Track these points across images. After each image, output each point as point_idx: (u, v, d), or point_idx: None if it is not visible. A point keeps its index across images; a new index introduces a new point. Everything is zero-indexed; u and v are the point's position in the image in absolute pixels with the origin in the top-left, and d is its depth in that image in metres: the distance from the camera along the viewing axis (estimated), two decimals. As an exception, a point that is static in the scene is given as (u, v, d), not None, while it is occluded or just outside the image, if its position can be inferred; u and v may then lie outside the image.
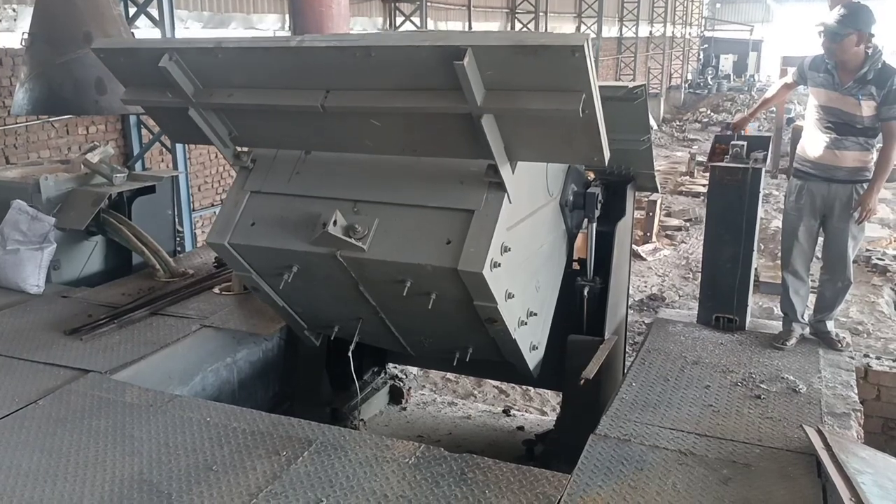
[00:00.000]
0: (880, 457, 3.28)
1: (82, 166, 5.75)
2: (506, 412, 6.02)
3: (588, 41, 2.75)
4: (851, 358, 4.41)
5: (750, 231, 4.52)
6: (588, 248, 4.40)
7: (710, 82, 39.57)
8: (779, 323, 4.75)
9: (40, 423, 3.53)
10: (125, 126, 9.73)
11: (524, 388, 7.10)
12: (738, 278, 4.59)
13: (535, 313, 4.00)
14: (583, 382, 3.92)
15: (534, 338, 4.09)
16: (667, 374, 4.10)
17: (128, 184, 5.86)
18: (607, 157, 3.15)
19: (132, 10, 8.87)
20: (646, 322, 8.31)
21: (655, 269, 11.90)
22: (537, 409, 6.80)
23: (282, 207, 3.76)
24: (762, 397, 3.85)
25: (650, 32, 34.92)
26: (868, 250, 11.45)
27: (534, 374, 4.26)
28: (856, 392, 3.99)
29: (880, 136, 4.29)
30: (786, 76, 4.91)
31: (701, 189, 16.05)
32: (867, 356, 5.10)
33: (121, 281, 5.59)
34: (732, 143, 4.60)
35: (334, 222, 3.47)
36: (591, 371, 3.95)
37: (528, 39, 2.84)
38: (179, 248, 7.00)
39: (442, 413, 5.86)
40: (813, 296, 4.72)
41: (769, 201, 14.16)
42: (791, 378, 4.03)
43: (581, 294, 4.39)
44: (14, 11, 8.29)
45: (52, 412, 3.62)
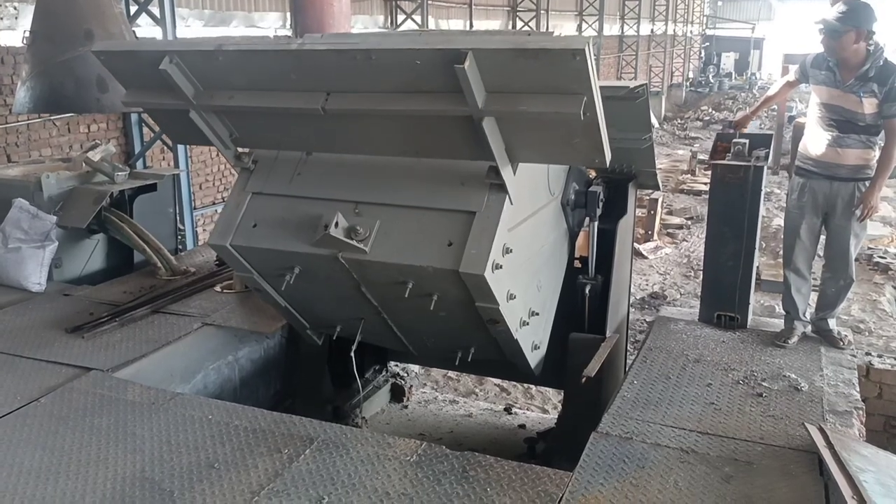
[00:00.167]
0: (882, 455, 3.27)
1: (84, 164, 5.75)
2: (507, 410, 6.02)
3: (589, 44, 2.75)
4: (853, 356, 4.40)
5: (752, 229, 4.52)
6: (590, 247, 4.40)
7: (712, 80, 39.53)
8: (780, 321, 4.75)
9: (42, 420, 3.53)
10: (126, 124, 9.73)
11: (525, 385, 7.10)
12: (740, 276, 4.59)
13: (537, 313, 4.00)
14: (584, 380, 3.92)
15: (535, 337, 4.09)
16: (668, 372, 4.09)
17: (129, 182, 5.86)
18: (608, 159, 3.15)
19: (133, 9, 8.87)
20: (647, 320, 8.31)
21: (657, 268, 11.90)
22: (539, 407, 6.80)
23: (283, 209, 3.76)
24: (764, 395, 3.84)
25: (651, 30, 34.89)
26: (870, 248, 11.45)
27: (535, 373, 4.26)
28: (857, 390, 3.98)
29: (882, 134, 4.28)
30: (787, 74, 4.91)
31: (702, 187, 16.04)
32: (869, 354, 5.09)
33: (122, 279, 5.59)
34: (734, 141, 4.59)
35: (336, 224, 3.47)
36: (592, 369, 3.95)
37: (528, 43, 2.84)
38: (181, 246, 7.02)
39: (443, 411, 5.86)
40: (815, 294, 4.72)
41: (771, 199, 14.15)
42: (793, 376, 4.03)
43: (582, 292, 4.39)
44: (15, 9, 8.29)
45: (54, 410, 3.62)
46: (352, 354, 4.23)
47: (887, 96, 4.14)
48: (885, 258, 11.26)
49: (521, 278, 3.73)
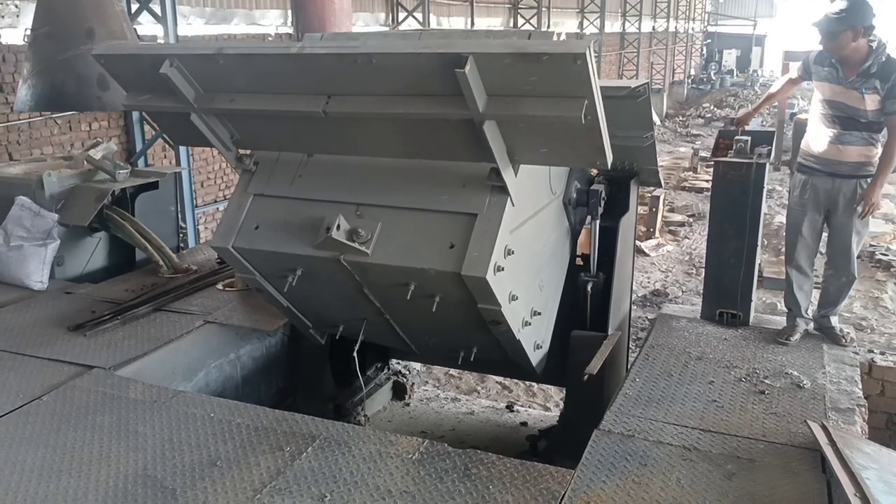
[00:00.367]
0: (885, 452, 3.27)
1: (85, 162, 5.75)
2: (509, 408, 6.02)
3: (590, 48, 2.74)
4: (855, 353, 4.40)
5: (754, 226, 4.51)
6: (591, 244, 4.40)
7: (714, 77, 39.51)
8: (782, 318, 4.74)
9: (45, 418, 3.53)
10: (128, 122, 9.74)
11: (527, 383, 7.10)
12: (742, 273, 4.58)
13: (539, 312, 3.99)
14: (586, 378, 3.91)
15: (538, 337, 4.09)
16: (670, 370, 4.09)
17: (131, 180, 5.86)
18: (610, 161, 3.15)
19: (135, 7, 8.86)
20: (649, 318, 8.31)
21: (659, 265, 11.90)
22: (540, 405, 6.80)
23: (285, 211, 3.77)
24: (766, 393, 3.84)
25: (653, 27, 34.85)
26: (872, 245, 11.44)
27: (538, 371, 4.26)
28: (860, 387, 3.98)
29: (885, 131, 4.27)
30: (789, 71, 4.90)
31: (704, 184, 16.02)
32: (871, 351, 5.09)
33: (124, 277, 5.59)
34: (736, 138, 4.58)
35: (337, 227, 3.47)
36: (594, 367, 3.95)
37: (529, 47, 2.84)
38: (182, 244, 7.03)
39: (445, 409, 5.86)
40: (817, 291, 4.71)
41: (773, 197, 14.14)
42: (795, 373, 4.03)
43: (584, 290, 4.38)
44: (17, 7, 8.29)
45: (57, 408, 3.62)
46: (354, 355, 4.23)
47: (889, 93, 4.12)
48: (888, 255, 11.25)
49: (523, 279, 3.73)
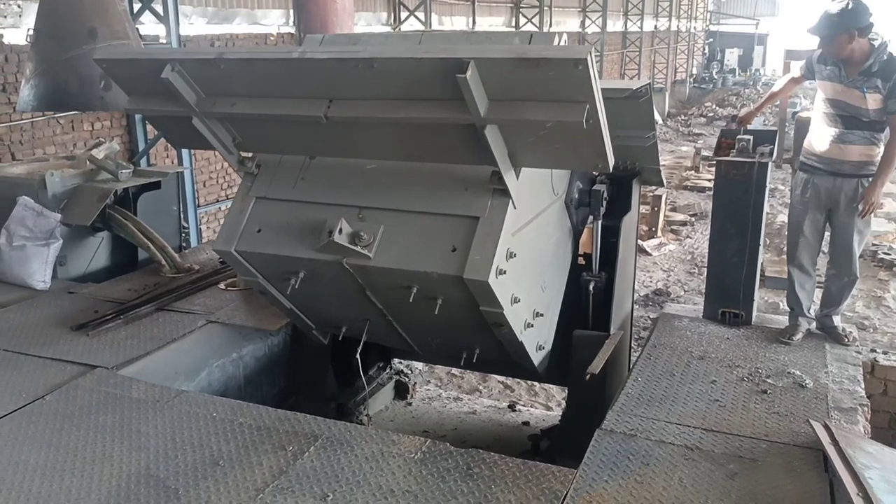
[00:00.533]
0: (888, 452, 3.27)
1: (88, 162, 5.75)
2: (511, 407, 6.02)
3: (591, 53, 2.74)
4: (858, 353, 4.40)
5: (756, 225, 4.51)
6: (594, 244, 4.39)
7: (716, 77, 39.50)
8: (785, 318, 4.74)
9: (47, 418, 3.54)
10: (130, 122, 9.75)
11: (529, 383, 7.10)
12: (745, 273, 4.58)
13: (542, 314, 4.00)
14: (588, 377, 3.91)
15: (540, 338, 4.09)
16: (673, 369, 4.09)
17: (133, 180, 5.87)
18: (611, 164, 3.16)
19: (137, 6, 8.86)
20: (651, 317, 8.30)
21: (661, 264, 11.89)
22: (543, 405, 6.80)
23: (287, 214, 3.77)
24: (768, 392, 3.84)
25: (655, 27, 34.82)
26: (874, 245, 11.43)
27: (540, 371, 4.26)
28: (863, 387, 3.98)
29: (888, 131, 4.26)
30: (791, 70, 4.89)
31: (706, 184, 16.02)
32: (874, 351, 5.07)
33: (126, 277, 5.60)
34: (738, 137, 4.58)
35: (340, 230, 3.48)
36: (596, 366, 3.95)
37: (530, 52, 2.85)
38: (185, 243, 7.02)
39: (447, 408, 5.86)
40: (819, 290, 4.71)
41: (775, 196, 14.13)
42: (797, 373, 4.02)
43: (586, 289, 4.38)
44: (19, 7, 8.30)
45: (59, 407, 3.63)
46: (357, 356, 4.24)
47: (891, 92, 4.11)
48: (890, 254, 11.24)
49: (525, 281, 3.73)
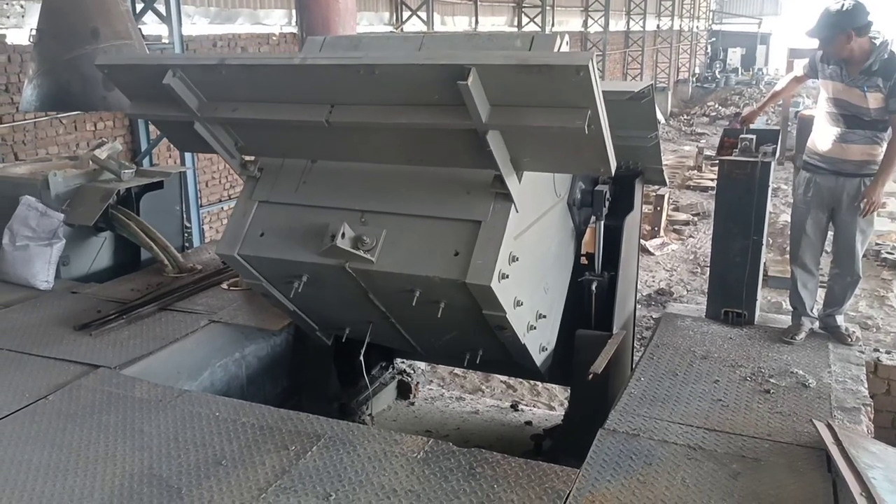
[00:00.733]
0: (891, 451, 3.26)
1: (91, 162, 5.76)
2: (514, 407, 6.02)
3: (593, 59, 2.74)
4: (861, 352, 4.39)
5: (759, 225, 4.50)
6: (596, 243, 4.39)
7: (718, 76, 39.45)
8: (788, 317, 4.73)
9: (51, 418, 3.55)
10: (133, 122, 9.75)
11: (532, 382, 7.10)
12: (747, 272, 4.57)
13: (544, 315, 4.00)
14: (591, 377, 3.91)
15: (543, 339, 4.09)
16: (675, 369, 4.09)
17: (136, 180, 5.87)
18: (613, 168, 3.16)
19: (139, 6, 8.87)
20: (654, 317, 8.30)
21: (663, 264, 11.88)
22: (545, 404, 6.80)
23: (290, 217, 3.77)
24: (771, 392, 3.83)
25: (657, 26, 34.78)
26: (878, 244, 11.41)
27: (542, 371, 4.26)
28: (866, 387, 3.97)
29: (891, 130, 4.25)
30: (794, 69, 4.88)
31: (709, 183, 16.01)
32: (877, 350, 5.06)
33: (129, 276, 5.61)
34: (741, 136, 4.57)
35: (342, 235, 3.48)
36: (599, 366, 3.94)
37: (532, 59, 2.84)
38: (187, 243, 7.03)
39: (450, 408, 5.86)
40: (822, 290, 4.70)
41: (778, 195, 14.12)
42: (800, 373, 4.02)
43: (589, 289, 4.38)
44: (22, 8, 8.31)
45: (62, 407, 3.64)
46: (361, 358, 4.24)
47: (892, 91, 4.09)
48: (893, 254, 11.23)
49: (528, 284, 3.73)
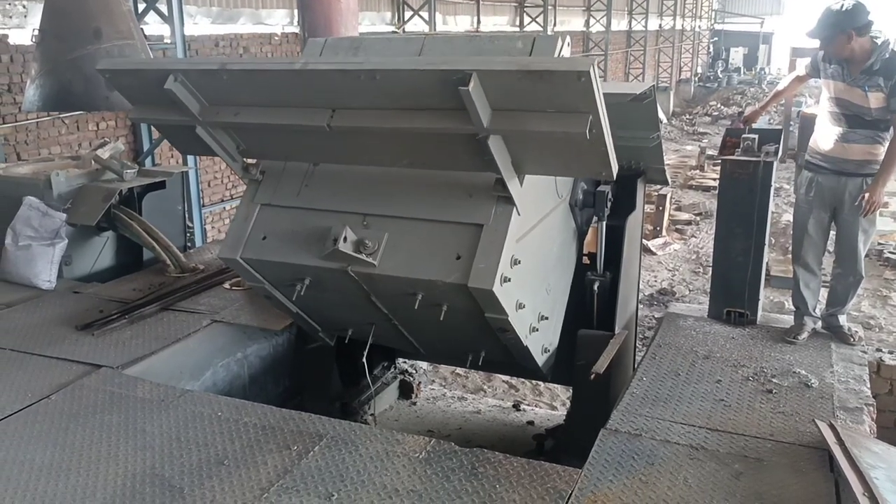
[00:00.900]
0: (893, 452, 3.26)
1: (93, 162, 5.77)
2: (516, 407, 6.02)
3: (594, 66, 2.74)
4: (864, 352, 4.38)
5: (761, 225, 4.50)
6: (598, 243, 4.39)
7: (720, 75, 39.38)
8: (790, 317, 4.72)
9: (53, 417, 3.55)
10: (135, 122, 9.74)
11: (534, 382, 7.10)
12: (750, 272, 4.57)
13: (547, 317, 4.00)
14: (593, 377, 3.91)
15: (545, 340, 4.09)
16: (678, 369, 4.08)
17: (138, 179, 5.88)
18: (615, 172, 3.16)
19: (141, 6, 8.87)
20: (656, 316, 8.29)
21: (666, 264, 11.87)
22: (547, 404, 6.80)
23: (292, 221, 3.78)
24: (774, 392, 3.83)
25: (660, 26, 34.76)
26: (880, 244, 11.39)
27: (544, 372, 4.26)
28: (868, 387, 3.96)
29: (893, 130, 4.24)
30: (796, 69, 4.87)
31: (711, 183, 15.99)
32: (880, 350, 5.08)
33: (131, 276, 5.61)
34: (743, 136, 4.57)
35: (344, 238, 3.48)
36: (601, 365, 3.94)
37: (533, 65, 2.84)
38: (190, 243, 7.03)
39: (452, 408, 5.86)
40: (825, 290, 4.69)
41: (780, 195, 14.10)
42: (803, 372, 4.01)
43: (591, 289, 4.38)
44: (24, 7, 8.32)
45: (65, 407, 3.64)
46: (364, 360, 4.24)
47: (893, 90, 4.08)
48: (896, 254, 11.20)
49: (530, 286, 3.73)
